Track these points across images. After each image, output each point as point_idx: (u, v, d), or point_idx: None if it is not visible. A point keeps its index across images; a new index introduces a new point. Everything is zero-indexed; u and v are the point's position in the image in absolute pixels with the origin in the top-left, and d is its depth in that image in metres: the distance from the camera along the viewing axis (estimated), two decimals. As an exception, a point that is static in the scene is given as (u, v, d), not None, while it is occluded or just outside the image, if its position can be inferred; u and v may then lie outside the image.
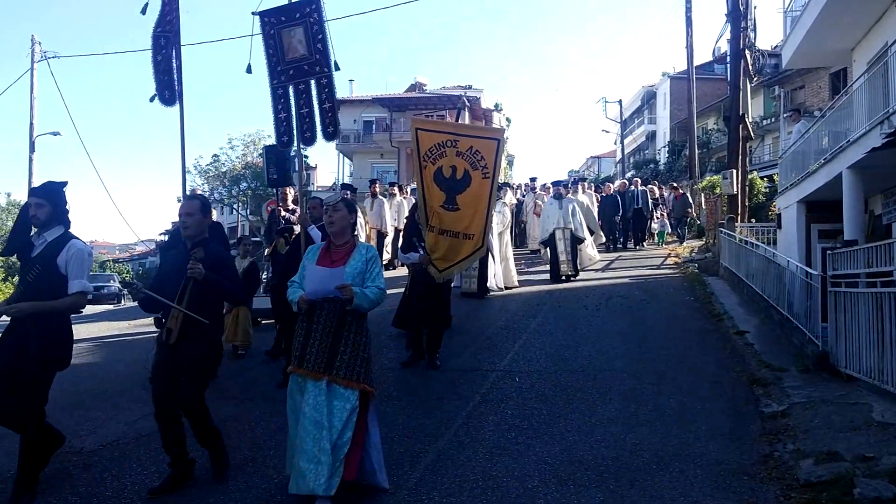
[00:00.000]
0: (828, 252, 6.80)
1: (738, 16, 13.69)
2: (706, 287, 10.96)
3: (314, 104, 5.99)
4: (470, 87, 38.78)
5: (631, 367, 6.64)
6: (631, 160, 47.37)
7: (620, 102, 43.68)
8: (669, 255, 15.35)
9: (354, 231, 4.31)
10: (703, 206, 18.41)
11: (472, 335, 8.17)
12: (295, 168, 8.60)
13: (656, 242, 18.52)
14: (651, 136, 45.75)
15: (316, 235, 6.27)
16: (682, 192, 19.19)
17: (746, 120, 13.90)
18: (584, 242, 12.56)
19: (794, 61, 14.84)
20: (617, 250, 16.70)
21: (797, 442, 4.56)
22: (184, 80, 6.74)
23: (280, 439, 4.65)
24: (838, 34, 11.75)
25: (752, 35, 14.38)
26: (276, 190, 8.41)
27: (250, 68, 6.57)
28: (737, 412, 5.36)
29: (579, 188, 15.65)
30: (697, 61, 23.94)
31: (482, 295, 10.29)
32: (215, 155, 40.95)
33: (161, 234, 48.55)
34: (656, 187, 20.38)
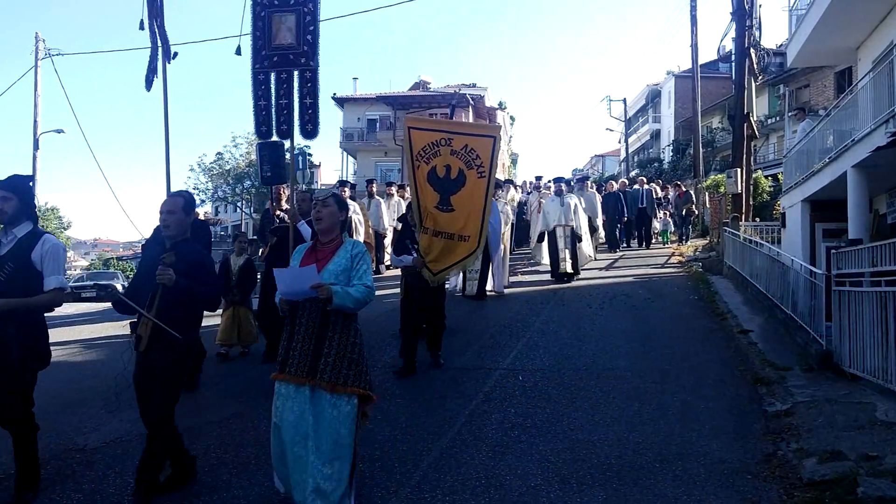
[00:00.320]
0: (832, 251, 6.79)
1: (744, 14, 13.65)
2: (710, 286, 10.95)
3: (294, 96, 5.75)
4: (474, 86, 38.75)
5: (634, 366, 6.63)
6: (635, 159, 47.36)
7: (625, 101, 43.71)
8: (673, 254, 15.34)
9: (349, 229, 4.08)
10: (708, 205, 18.38)
11: (476, 334, 8.16)
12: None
13: (661, 242, 18.49)
14: (655, 135, 45.65)
15: (306, 232, 6.02)
16: (686, 190, 19.16)
17: (751, 119, 13.87)
18: (582, 241, 12.51)
19: (799, 60, 14.84)
20: (620, 250, 16.67)
21: (800, 441, 4.55)
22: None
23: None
24: (843, 33, 11.74)
25: (757, 34, 14.34)
26: (271, 188, 8.12)
27: (240, 50, 6.36)
28: (740, 411, 5.34)
29: (584, 186, 15.60)
30: (702, 60, 23.95)
31: (480, 297, 10.14)
32: (219, 153, 41.36)
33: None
34: (658, 187, 20.34)
